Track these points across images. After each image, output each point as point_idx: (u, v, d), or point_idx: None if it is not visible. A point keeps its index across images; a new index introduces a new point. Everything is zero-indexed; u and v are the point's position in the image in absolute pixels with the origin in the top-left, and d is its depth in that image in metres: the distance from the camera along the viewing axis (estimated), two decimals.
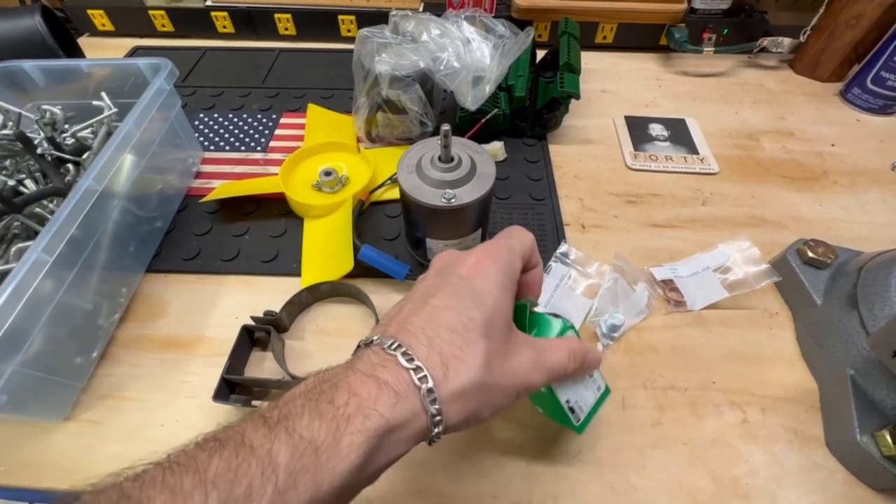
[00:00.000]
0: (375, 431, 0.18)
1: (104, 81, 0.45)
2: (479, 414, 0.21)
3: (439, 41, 0.45)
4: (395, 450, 0.19)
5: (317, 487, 0.17)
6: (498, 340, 0.22)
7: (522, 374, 0.22)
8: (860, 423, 0.30)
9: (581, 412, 0.27)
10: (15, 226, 0.35)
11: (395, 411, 0.19)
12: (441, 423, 0.20)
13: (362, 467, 0.18)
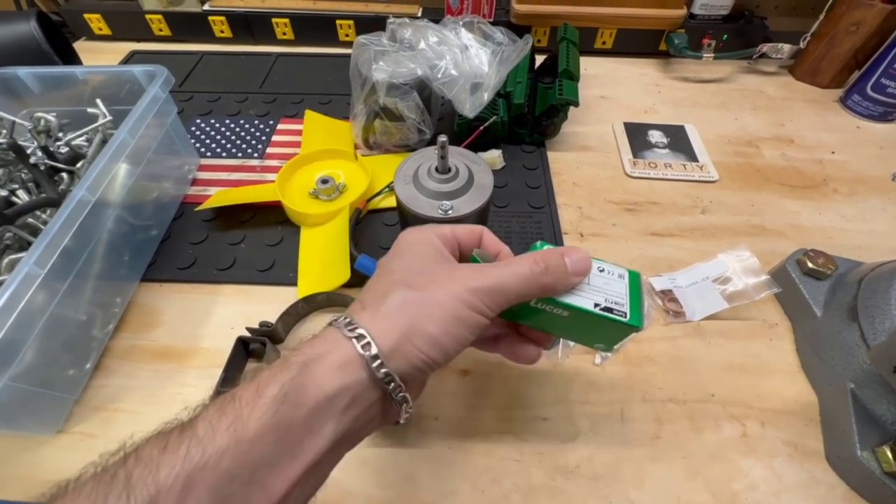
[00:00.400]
0: (292, 365, 0.19)
1: (99, 88, 0.44)
2: (419, 326, 0.20)
3: (437, 49, 0.45)
4: (328, 381, 0.19)
5: (243, 429, 0.17)
6: (418, 268, 0.22)
7: (460, 279, 0.21)
8: (860, 438, 0.30)
9: (621, 305, 0.24)
10: (7, 237, 0.35)
11: (314, 348, 0.20)
12: (371, 344, 0.19)
13: (292, 406, 0.18)
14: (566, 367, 0.36)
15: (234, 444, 0.16)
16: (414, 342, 0.20)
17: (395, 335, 0.20)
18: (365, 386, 0.19)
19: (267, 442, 0.17)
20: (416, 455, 0.32)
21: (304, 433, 0.18)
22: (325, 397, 0.18)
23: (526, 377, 0.36)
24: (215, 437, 0.16)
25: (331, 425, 0.18)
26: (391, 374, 0.19)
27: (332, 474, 0.30)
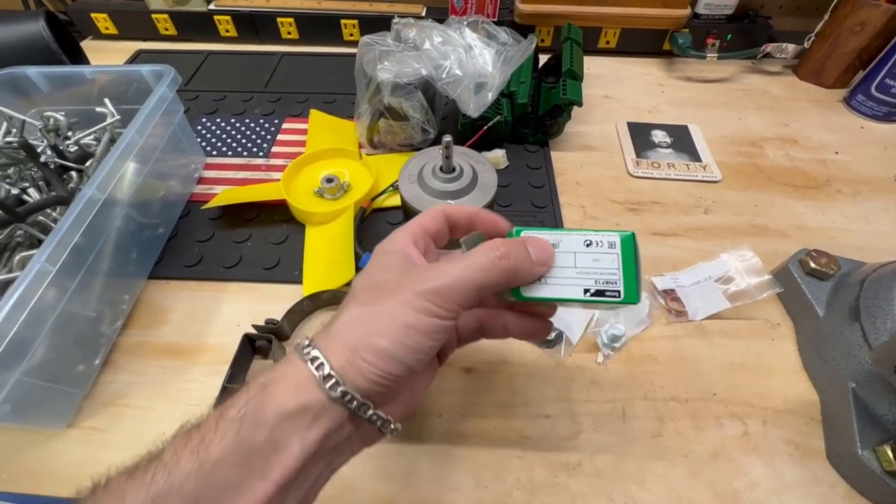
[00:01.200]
0: (252, 388, 0.19)
1: (107, 87, 0.45)
2: (367, 341, 0.19)
3: (441, 48, 0.45)
4: (287, 400, 0.18)
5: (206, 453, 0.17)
6: (375, 280, 0.21)
7: (409, 285, 0.20)
8: (861, 438, 0.30)
9: (614, 284, 0.22)
10: (18, 234, 0.35)
11: (274, 372, 0.20)
12: (323, 365, 0.19)
13: (253, 425, 0.18)
14: (568, 365, 0.36)
15: (198, 467, 0.17)
16: (364, 358, 0.19)
17: (344, 353, 0.19)
18: (325, 405, 0.19)
19: (232, 463, 0.17)
20: (420, 451, 0.32)
21: (268, 452, 0.18)
22: (285, 415, 0.18)
23: (528, 375, 0.36)
24: (179, 461, 0.17)
25: (296, 443, 0.18)
26: (349, 393, 0.19)
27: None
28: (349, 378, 0.19)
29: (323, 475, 0.20)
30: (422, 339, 0.20)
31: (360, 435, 0.21)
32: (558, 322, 0.37)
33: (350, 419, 0.20)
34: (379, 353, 0.19)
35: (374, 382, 0.19)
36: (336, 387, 0.19)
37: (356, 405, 0.19)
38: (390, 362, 0.19)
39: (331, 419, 0.19)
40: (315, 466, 0.19)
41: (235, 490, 0.17)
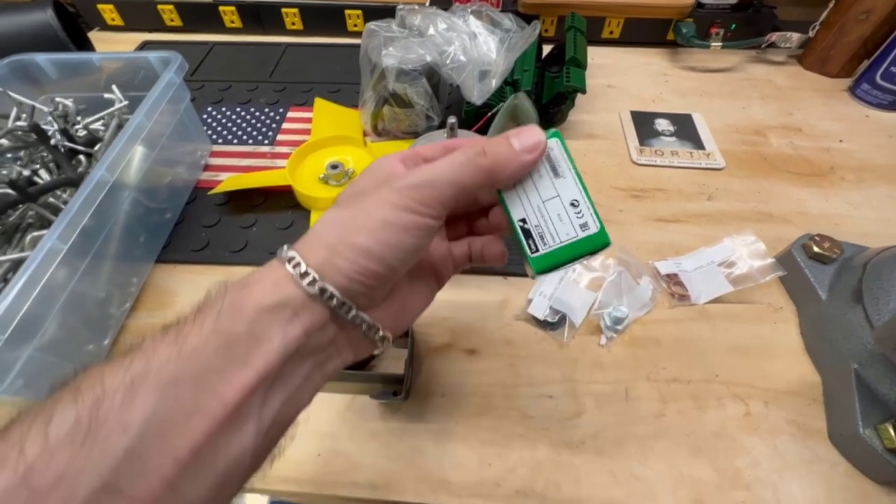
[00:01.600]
0: (231, 288, 0.18)
1: (115, 74, 0.45)
2: (345, 239, 0.19)
3: (446, 35, 0.45)
4: (265, 296, 0.18)
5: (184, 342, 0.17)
6: (357, 189, 0.21)
7: (388, 185, 0.20)
8: (863, 417, 0.30)
9: (543, 243, 0.22)
10: (30, 215, 0.36)
11: (251, 276, 0.19)
12: (300, 264, 0.18)
13: (232, 318, 0.17)
14: (571, 347, 0.37)
15: (176, 354, 0.16)
16: (343, 255, 0.19)
17: (323, 252, 0.19)
18: (304, 301, 0.18)
19: (211, 350, 0.17)
20: (424, 430, 0.33)
21: (248, 341, 0.17)
22: (265, 308, 0.18)
23: (531, 357, 0.36)
24: (157, 349, 0.16)
25: (277, 336, 0.18)
26: (328, 290, 0.18)
27: (343, 447, 0.32)
28: (328, 276, 0.18)
29: (312, 379, 0.20)
30: (401, 236, 0.19)
31: (347, 340, 0.20)
32: (561, 305, 0.38)
33: (333, 319, 0.19)
34: (358, 250, 0.19)
35: (354, 280, 0.19)
36: (314, 283, 0.18)
37: (336, 303, 0.19)
38: (370, 259, 0.19)
39: (311, 316, 0.18)
40: (300, 365, 0.19)
41: (216, 374, 0.16)
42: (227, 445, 0.16)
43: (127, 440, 0.15)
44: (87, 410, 0.15)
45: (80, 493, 0.14)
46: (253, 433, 0.17)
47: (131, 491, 0.14)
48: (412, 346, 0.34)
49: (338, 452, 0.32)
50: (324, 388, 0.34)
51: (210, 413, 0.16)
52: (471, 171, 0.20)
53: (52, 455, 0.14)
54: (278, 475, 0.31)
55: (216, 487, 0.16)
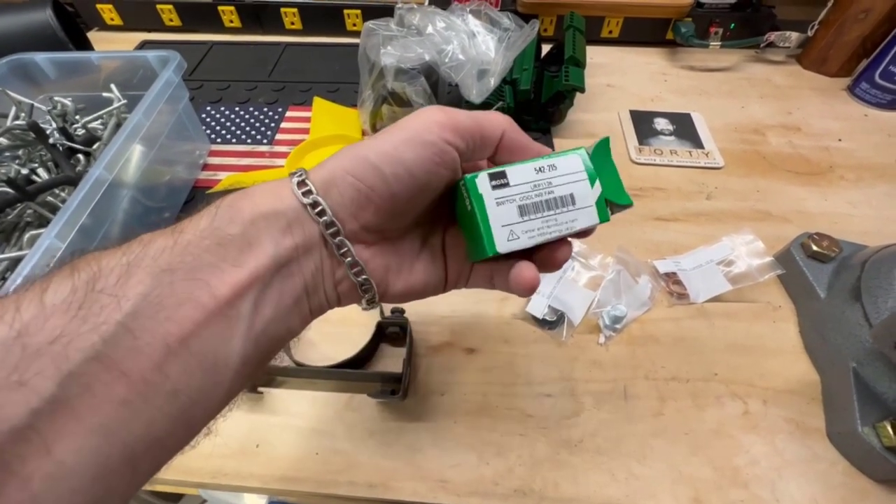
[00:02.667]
0: (234, 193, 0.18)
1: (113, 73, 0.45)
2: (356, 154, 0.19)
3: (444, 34, 0.45)
4: (263, 202, 0.18)
5: (181, 235, 0.17)
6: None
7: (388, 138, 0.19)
8: (861, 415, 0.30)
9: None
10: (28, 213, 0.36)
11: (255, 185, 0.19)
12: (304, 176, 0.18)
13: (228, 218, 0.17)
14: (570, 345, 0.37)
15: (172, 244, 0.16)
16: (347, 169, 0.19)
17: (328, 171, 0.19)
18: (297, 215, 0.18)
19: (205, 246, 0.17)
20: (423, 428, 0.33)
21: (242, 244, 0.17)
22: (260, 214, 0.18)
23: (530, 356, 0.36)
24: (154, 240, 0.17)
25: (269, 243, 0.18)
26: (320, 203, 0.18)
27: (341, 445, 0.32)
28: (327, 193, 0.19)
29: (301, 304, 0.19)
30: (407, 151, 0.18)
31: (333, 276, 0.20)
32: (560, 304, 0.38)
33: (323, 245, 0.19)
34: (361, 162, 0.19)
35: (349, 197, 0.18)
36: (308, 194, 0.18)
37: (326, 221, 0.18)
38: (372, 173, 0.18)
39: (302, 232, 0.18)
40: (290, 281, 0.18)
41: (210, 269, 0.16)
42: (216, 339, 0.16)
43: (120, 315, 0.15)
44: (83, 284, 0.15)
45: (73, 357, 0.14)
46: (243, 335, 0.17)
47: (121, 364, 0.14)
48: (410, 345, 0.34)
49: (336, 451, 0.32)
50: (322, 387, 0.34)
51: (201, 304, 0.16)
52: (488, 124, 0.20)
53: (48, 318, 0.14)
54: (276, 474, 0.31)
55: (203, 382, 0.16)
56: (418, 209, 0.21)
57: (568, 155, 0.20)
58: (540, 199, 0.20)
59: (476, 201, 0.19)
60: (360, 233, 0.20)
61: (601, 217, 0.20)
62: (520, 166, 0.20)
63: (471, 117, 0.20)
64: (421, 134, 0.19)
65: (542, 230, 0.20)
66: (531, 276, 0.20)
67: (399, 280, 0.22)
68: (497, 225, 0.19)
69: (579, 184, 0.20)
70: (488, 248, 0.19)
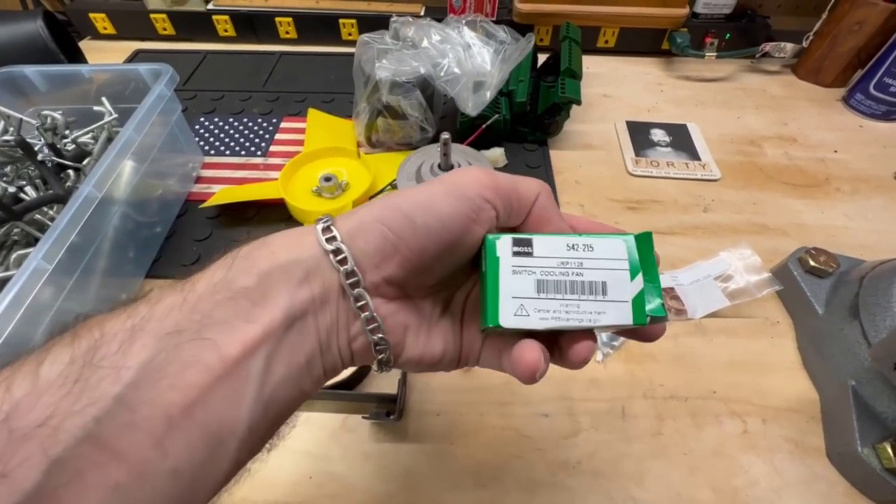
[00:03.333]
0: (254, 242, 0.18)
1: (105, 86, 0.45)
2: (389, 204, 0.18)
3: (440, 47, 0.45)
4: (282, 251, 0.17)
5: (192, 290, 0.16)
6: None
7: (425, 190, 0.19)
8: (861, 435, 0.30)
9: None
10: (15, 232, 0.35)
11: (279, 232, 0.18)
12: (330, 223, 0.18)
13: (243, 269, 0.16)
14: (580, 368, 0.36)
15: (181, 301, 0.15)
16: (377, 217, 0.18)
17: (358, 217, 0.18)
18: (317, 263, 0.17)
19: (216, 300, 0.16)
20: (419, 450, 0.32)
21: (256, 297, 0.16)
22: (278, 265, 0.17)
23: None
24: (162, 297, 0.16)
25: (284, 295, 0.17)
26: (342, 250, 0.17)
27: (336, 468, 0.31)
28: (352, 240, 0.17)
29: (314, 363, 0.18)
30: (443, 204, 0.18)
31: (347, 332, 0.19)
32: None
33: (340, 294, 0.18)
34: (392, 210, 0.18)
35: (376, 247, 0.17)
36: (332, 240, 0.17)
37: (347, 269, 0.17)
38: (400, 219, 0.17)
39: (321, 282, 0.17)
40: (304, 337, 0.17)
41: (220, 326, 0.15)
42: (223, 406, 0.15)
43: (118, 388, 0.14)
44: (83, 354, 0.14)
45: (63, 439, 0.13)
46: (252, 399, 0.16)
47: (117, 443, 0.13)
48: None
49: (331, 475, 0.31)
50: (316, 408, 0.34)
51: (208, 366, 0.15)
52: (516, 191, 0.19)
53: (40, 395, 0.13)
54: (270, 499, 0.30)
55: (206, 456, 0.15)
56: (447, 268, 0.19)
57: (610, 238, 0.18)
58: (565, 279, 0.18)
59: (491, 264, 0.18)
60: (381, 286, 0.18)
61: (637, 318, 0.18)
62: (550, 238, 0.18)
63: (509, 178, 0.19)
64: (460, 188, 0.18)
65: (559, 315, 0.18)
66: (531, 359, 0.18)
67: (417, 344, 0.20)
68: (507, 295, 0.18)
69: (617, 273, 0.18)
70: (490, 318, 0.18)
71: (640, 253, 0.19)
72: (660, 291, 0.18)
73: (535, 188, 0.19)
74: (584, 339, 0.18)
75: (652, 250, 0.19)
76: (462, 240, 0.18)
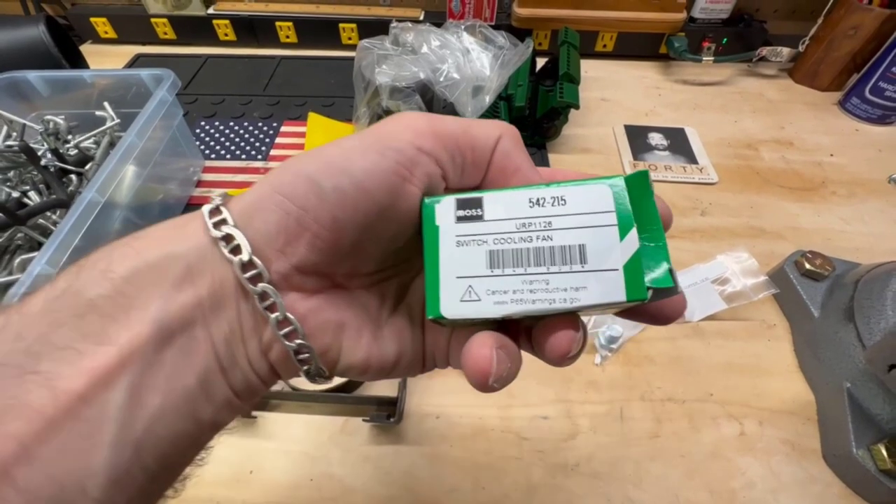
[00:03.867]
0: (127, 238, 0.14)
1: (107, 91, 0.45)
2: (291, 168, 0.14)
3: (439, 52, 0.46)
4: (155, 245, 0.13)
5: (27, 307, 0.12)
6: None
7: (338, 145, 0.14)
8: (856, 437, 0.30)
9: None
10: (18, 237, 0.36)
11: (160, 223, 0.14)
12: (221, 207, 0.14)
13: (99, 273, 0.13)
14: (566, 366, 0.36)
15: (1, 327, 0.12)
16: (276, 187, 0.13)
17: (255, 193, 0.14)
18: (203, 254, 0.13)
19: (52, 321, 0.12)
20: (418, 453, 0.32)
21: (113, 309, 0.12)
22: (144, 263, 0.13)
23: (526, 376, 0.36)
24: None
25: (155, 303, 0.13)
26: (233, 236, 0.13)
27: (336, 471, 0.31)
28: (249, 222, 0.13)
29: (214, 384, 0.14)
30: (359, 159, 0.13)
31: (258, 340, 0.14)
32: None
33: (240, 293, 0.14)
34: (295, 176, 0.13)
35: (276, 225, 0.13)
36: (222, 224, 0.13)
37: (243, 260, 0.13)
38: (302, 186, 0.13)
39: (210, 280, 0.13)
40: (189, 353, 0.13)
41: (56, 355, 0.12)
42: (61, 459, 0.11)
43: None
44: None
45: None
46: (110, 445, 0.12)
47: None
48: None
49: (331, 477, 0.31)
50: (316, 411, 0.34)
51: (36, 410, 0.11)
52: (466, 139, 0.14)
53: None
54: (270, 501, 0.30)
55: None
56: (385, 246, 0.15)
57: (589, 184, 0.13)
58: (527, 247, 0.13)
59: (429, 235, 0.14)
60: (293, 276, 0.14)
61: (632, 292, 0.13)
62: (506, 193, 0.14)
63: (457, 122, 0.15)
64: (384, 138, 0.14)
65: (522, 296, 0.13)
66: (480, 356, 0.13)
67: (359, 347, 0.16)
68: (450, 275, 0.14)
69: (601, 231, 0.13)
70: (430, 307, 0.14)
71: (632, 201, 0.13)
72: (666, 253, 0.13)
73: (493, 131, 0.15)
74: (562, 328, 0.13)
75: (651, 196, 0.13)
76: (395, 206, 0.14)
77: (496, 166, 0.15)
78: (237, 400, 0.15)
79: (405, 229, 0.15)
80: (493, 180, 0.15)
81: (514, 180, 0.15)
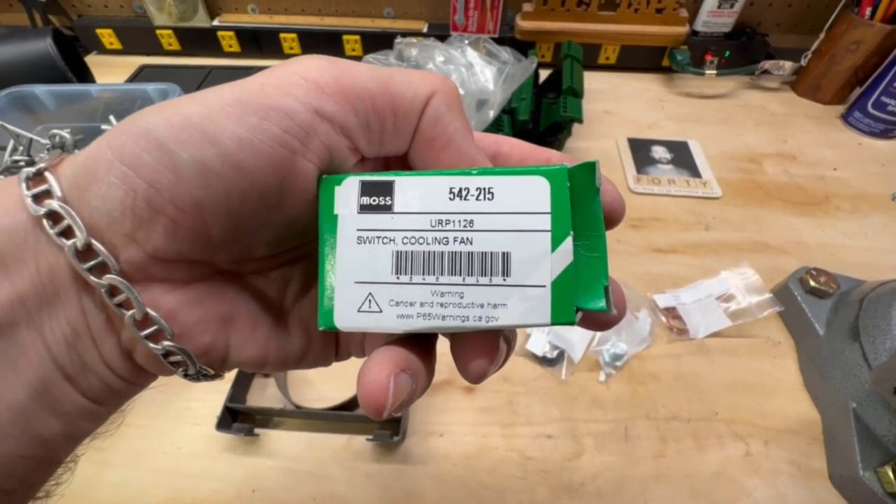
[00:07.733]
0: None
1: (112, 104, 0.45)
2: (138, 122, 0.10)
3: (443, 68, 0.46)
4: None
5: None
6: None
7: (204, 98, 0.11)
8: (863, 458, 0.30)
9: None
10: None
11: None
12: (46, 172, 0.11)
13: None
14: (570, 384, 0.36)
15: None
16: (116, 151, 0.10)
17: (91, 152, 0.11)
18: (25, 234, 0.11)
19: None
20: (421, 472, 0.32)
21: None
22: None
23: (530, 394, 0.36)
24: None
25: None
26: (59, 213, 0.10)
27: (338, 490, 0.31)
28: (83, 194, 0.10)
29: (51, 397, 0.11)
30: (229, 122, 0.10)
31: (117, 337, 0.12)
32: (560, 341, 0.37)
33: (80, 285, 0.11)
34: (143, 136, 0.10)
35: (119, 203, 0.10)
36: (46, 197, 0.10)
37: (77, 244, 0.10)
38: (152, 155, 0.10)
39: (33, 270, 0.11)
40: (15, 360, 0.11)
41: None
42: None
43: None
44: None
45: None
46: None
47: None
48: None
49: (333, 496, 0.31)
50: (319, 429, 0.34)
51: None
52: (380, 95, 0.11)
53: None
54: None
55: None
56: (276, 230, 0.12)
57: (524, 176, 0.11)
58: (441, 250, 0.11)
59: (326, 225, 0.12)
60: (151, 265, 0.11)
61: (557, 315, 0.11)
62: (424, 179, 0.12)
63: (379, 75, 0.11)
64: (267, 94, 0.11)
65: (431, 310, 0.11)
66: (374, 384, 0.11)
67: (252, 342, 0.13)
68: (347, 278, 0.11)
69: (530, 237, 0.11)
70: (321, 315, 0.12)
71: (574, 199, 0.11)
72: (604, 266, 0.11)
73: (422, 88, 0.12)
74: (480, 354, 0.12)
75: (596, 194, 0.11)
76: (283, 188, 0.11)
77: (423, 135, 0.12)
78: (98, 407, 0.12)
79: (303, 212, 0.12)
80: (417, 153, 0.12)
81: (443, 155, 0.12)
